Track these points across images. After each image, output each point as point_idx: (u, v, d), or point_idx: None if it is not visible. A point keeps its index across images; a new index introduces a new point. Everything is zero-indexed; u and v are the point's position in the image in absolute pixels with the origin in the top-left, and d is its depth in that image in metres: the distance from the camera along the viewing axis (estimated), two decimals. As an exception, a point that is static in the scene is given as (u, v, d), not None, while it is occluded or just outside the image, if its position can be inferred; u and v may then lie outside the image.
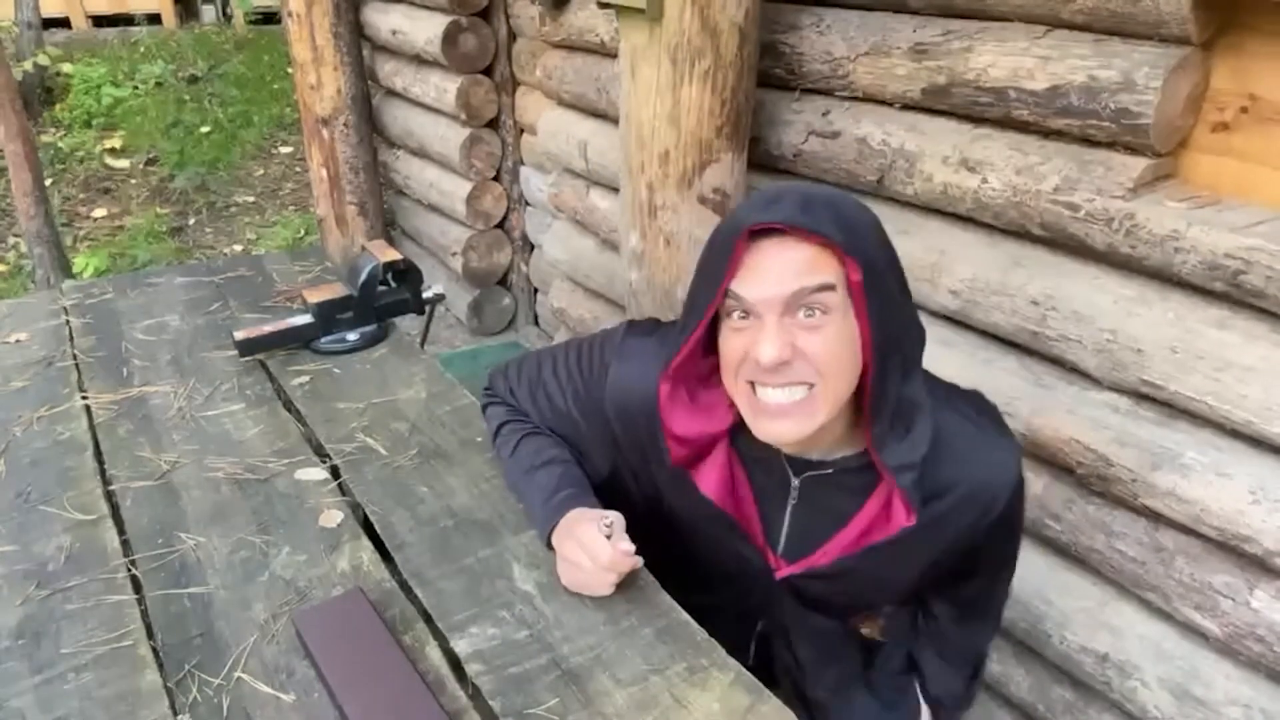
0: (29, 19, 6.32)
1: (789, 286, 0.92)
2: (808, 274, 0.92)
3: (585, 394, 1.23)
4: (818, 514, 1.11)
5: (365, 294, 1.79)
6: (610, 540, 1.09)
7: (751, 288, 0.93)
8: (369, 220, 3.62)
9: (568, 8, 2.52)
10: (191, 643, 1.08)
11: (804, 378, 0.94)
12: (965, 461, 1.03)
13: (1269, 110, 1.24)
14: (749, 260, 0.93)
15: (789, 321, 0.93)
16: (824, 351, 0.93)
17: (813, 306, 0.92)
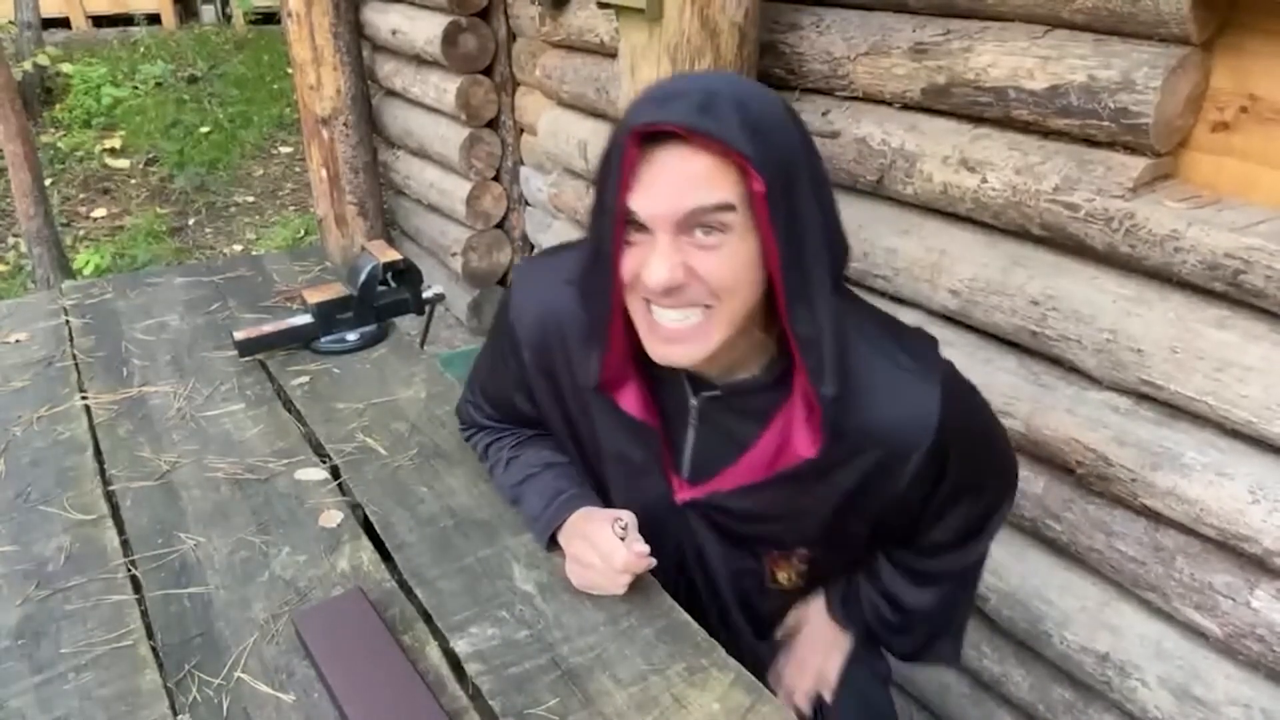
0: (29, 19, 6.32)
1: (682, 204, 0.84)
2: (704, 189, 0.84)
3: (505, 363, 1.18)
4: (719, 438, 1.06)
5: (365, 294, 1.79)
6: (625, 541, 1.07)
7: (642, 202, 0.86)
8: (369, 220, 3.62)
9: (568, 8, 2.52)
10: (191, 643, 1.08)
11: (699, 299, 0.89)
12: (874, 402, 0.96)
13: (1269, 110, 1.24)
14: (641, 171, 0.85)
15: (684, 240, 0.87)
16: (720, 273, 0.87)
17: (709, 225, 0.85)
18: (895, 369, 0.98)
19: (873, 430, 0.97)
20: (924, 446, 0.98)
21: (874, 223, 1.71)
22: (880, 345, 0.99)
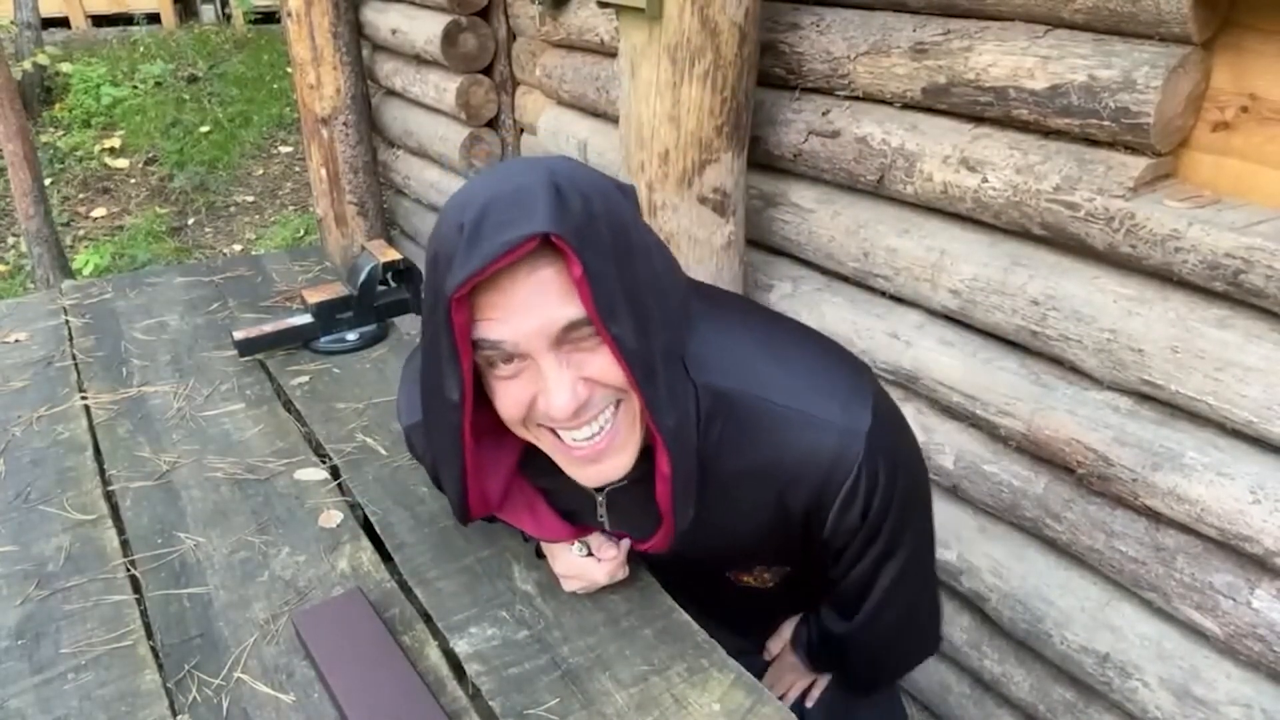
0: (28, 18, 6.32)
1: (554, 320, 0.77)
2: (566, 297, 0.77)
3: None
4: (634, 516, 1.03)
5: (365, 294, 1.79)
6: (595, 558, 1.09)
7: (504, 328, 0.78)
8: (369, 220, 3.62)
9: (567, 7, 2.52)
10: (191, 643, 1.08)
11: (605, 402, 0.83)
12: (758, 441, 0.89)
13: (1269, 110, 1.24)
14: (487, 302, 0.78)
15: (566, 353, 0.80)
16: (614, 368, 0.81)
17: (581, 329, 0.79)
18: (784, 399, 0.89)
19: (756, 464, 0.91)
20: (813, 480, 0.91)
21: (874, 222, 1.70)
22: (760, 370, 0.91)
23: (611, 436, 0.85)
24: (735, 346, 0.92)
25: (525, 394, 0.82)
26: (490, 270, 0.74)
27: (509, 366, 0.81)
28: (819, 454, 0.88)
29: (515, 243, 0.73)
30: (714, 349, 0.89)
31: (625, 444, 0.86)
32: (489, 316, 0.78)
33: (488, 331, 0.79)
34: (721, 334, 0.92)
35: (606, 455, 0.86)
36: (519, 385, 0.82)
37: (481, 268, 0.73)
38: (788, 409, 0.88)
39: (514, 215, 0.74)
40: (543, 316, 0.77)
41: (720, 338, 0.91)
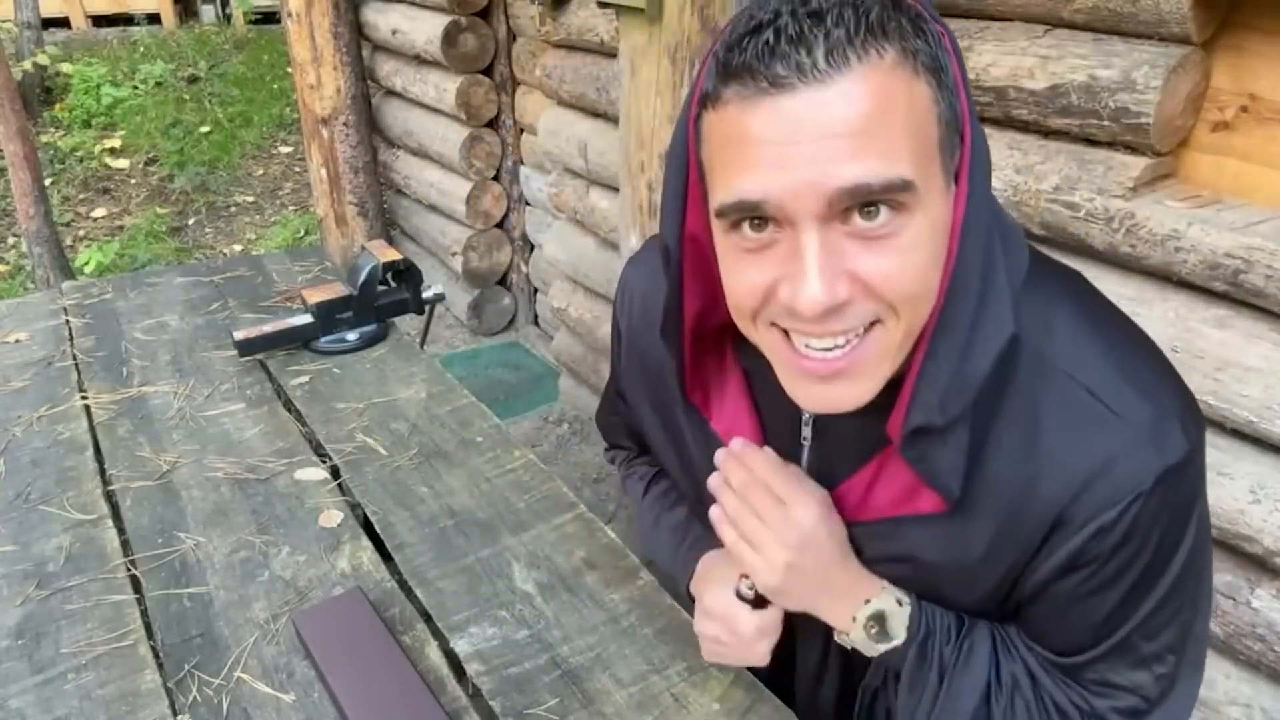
0: (28, 19, 6.32)
1: (839, 174, 0.56)
2: (873, 148, 0.56)
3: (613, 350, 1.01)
4: (839, 464, 0.79)
5: (365, 294, 1.79)
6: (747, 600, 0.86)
7: (763, 178, 0.57)
8: (369, 220, 3.63)
9: (567, 7, 2.52)
10: (191, 643, 1.08)
11: (866, 318, 0.62)
12: (1042, 442, 0.67)
13: (1269, 110, 1.24)
14: (752, 130, 0.57)
15: (838, 234, 0.59)
16: (902, 277, 0.60)
17: (879, 204, 0.58)
18: (1092, 395, 0.67)
19: (1030, 476, 0.68)
20: (1101, 519, 0.67)
21: (874, 222, 1.71)
22: (1078, 351, 0.68)
23: (856, 356, 0.63)
24: (1060, 308, 0.70)
25: (767, 277, 0.62)
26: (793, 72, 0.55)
27: (757, 234, 0.61)
28: (1112, 448, 0.66)
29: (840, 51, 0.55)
30: (1038, 303, 0.68)
31: (871, 372, 0.64)
32: (745, 162, 0.58)
33: (740, 181, 0.59)
34: (1046, 287, 0.71)
35: (844, 377, 0.64)
36: (761, 264, 0.62)
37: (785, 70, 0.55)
38: (1093, 400, 0.67)
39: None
40: (821, 174, 0.56)
41: (1044, 291, 0.70)
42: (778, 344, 0.66)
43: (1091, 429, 0.66)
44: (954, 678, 0.80)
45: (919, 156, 0.58)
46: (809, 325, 0.61)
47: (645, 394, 0.95)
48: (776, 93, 0.56)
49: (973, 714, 0.80)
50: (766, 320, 0.65)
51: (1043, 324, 0.68)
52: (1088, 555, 0.69)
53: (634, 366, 0.95)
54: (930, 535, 0.74)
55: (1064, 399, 0.67)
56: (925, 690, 0.81)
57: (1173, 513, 0.68)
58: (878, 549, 0.79)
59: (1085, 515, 0.67)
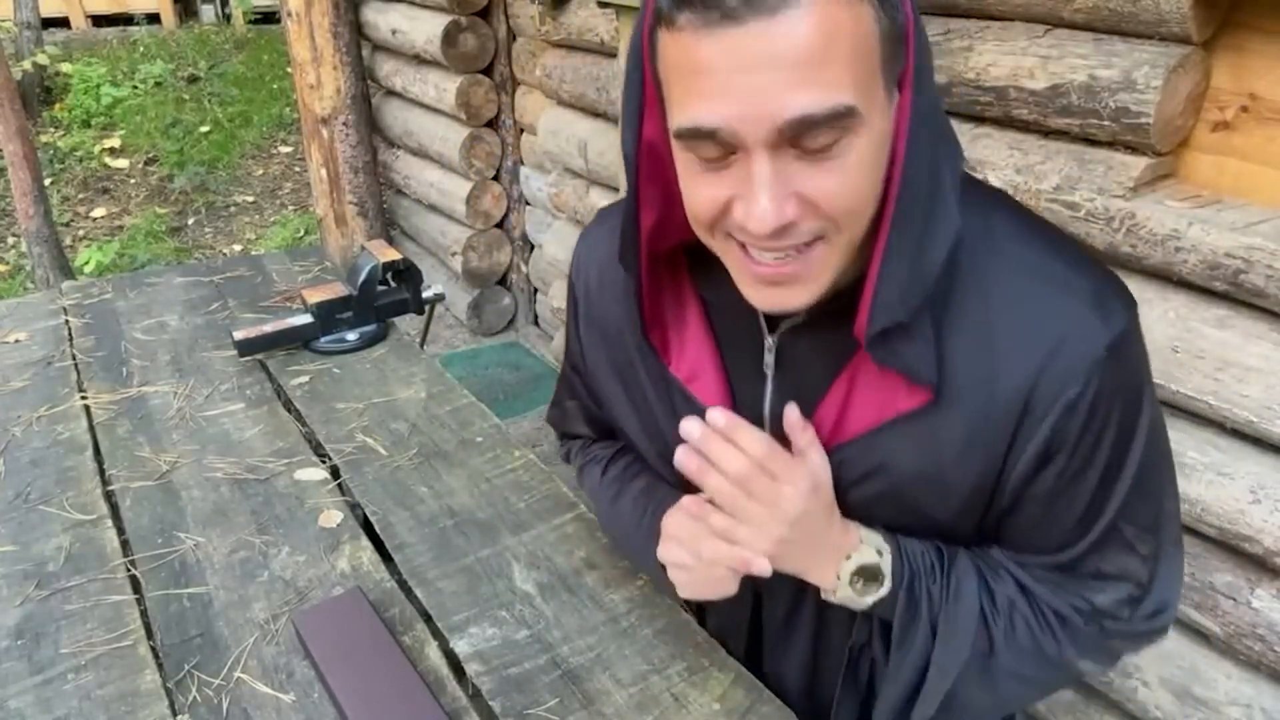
0: (28, 18, 6.32)
1: (782, 108, 0.59)
2: (814, 83, 0.59)
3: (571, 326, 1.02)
4: (805, 392, 0.80)
5: (365, 294, 1.79)
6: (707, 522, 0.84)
7: (717, 107, 0.61)
8: (369, 220, 3.62)
9: (567, 7, 2.52)
10: (191, 643, 1.08)
11: (813, 233, 0.66)
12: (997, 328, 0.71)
13: (1269, 110, 1.24)
14: (704, 59, 0.60)
15: (787, 156, 0.63)
16: (844, 195, 0.64)
17: (825, 130, 0.61)
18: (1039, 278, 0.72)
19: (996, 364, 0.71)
20: (1066, 394, 0.70)
21: (874, 222, 1.71)
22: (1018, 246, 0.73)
23: (802, 265, 0.68)
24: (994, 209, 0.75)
25: (723, 193, 0.65)
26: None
27: (713, 154, 0.64)
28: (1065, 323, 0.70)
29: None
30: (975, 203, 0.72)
31: (816, 277, 0.69)
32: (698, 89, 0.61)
33: (695, 107, 0.62)
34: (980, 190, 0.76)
35: (793, 282, 0.69)
36: (716, 183, 0.65)
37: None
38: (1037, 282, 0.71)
39: None
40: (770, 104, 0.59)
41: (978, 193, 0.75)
42: (734, 252, 0.71)
43: (1040, 309, 0.71)
44: (947, 613, 0.81)
45: (863, 81, 0.61)
46: (761, 241, 0.66)
47: (606, 361, 0.96)
48: (727, 24, 0.58)
49: (973, 645, 0.81)
50: (724, 231, 0.70)
51: (981, 221, 0.72)
52: (1059, 439, 0.72)
53: (594, 336, 0.97)
54: (906, 441, 0.76)
55: (1010, 285, 0.72)
56: (919, 634, 0.82)
57: (1127, 384, 0.72)
58: (855, 469, 0.80)
59: (1050, 396, 0.71)
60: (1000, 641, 0.81)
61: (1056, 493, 0.76)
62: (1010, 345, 0.71)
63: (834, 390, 0.79)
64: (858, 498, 0.81)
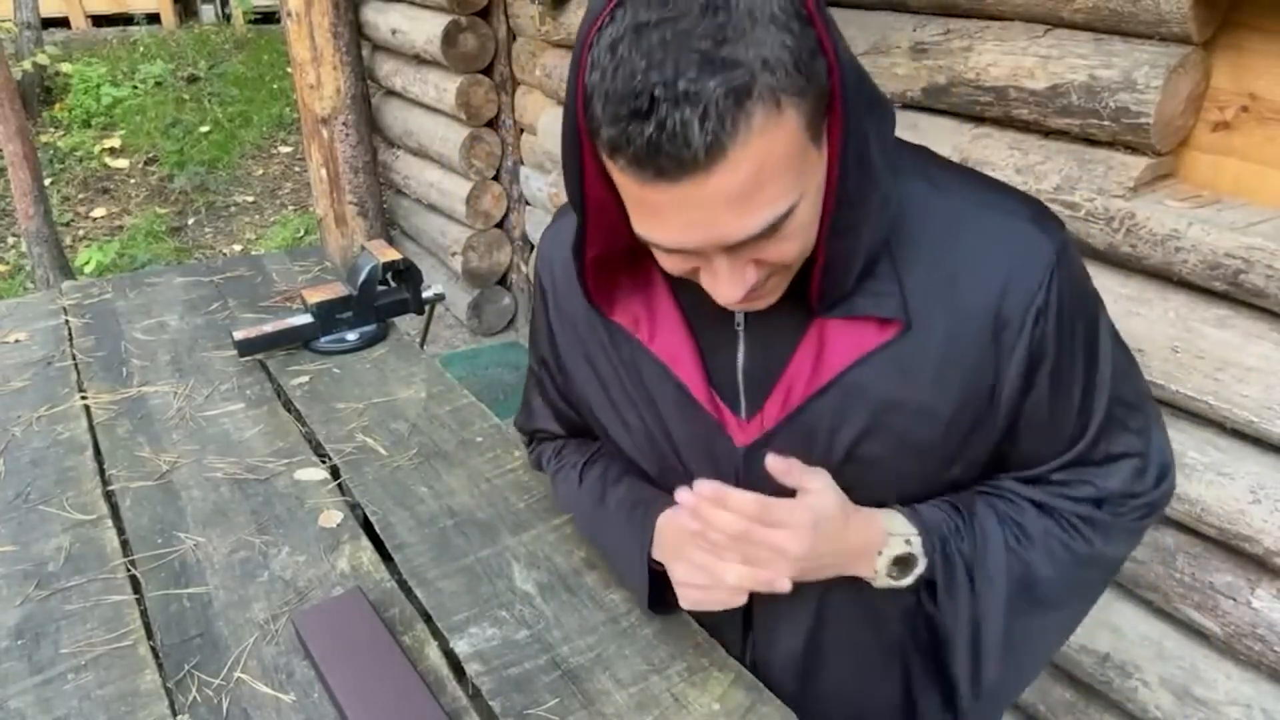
0: (28, 19, 6.32)
1: (734, 233, 0.65)
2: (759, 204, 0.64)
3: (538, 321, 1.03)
4: (777, 347, 0.83)
5: (365, 294, 1.79)
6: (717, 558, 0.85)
7: (668, 234, 0.67)
8: (369, 220, 3.62)
9: (567, 7, 2.52)
10: (191, 643, 1.08)
11: (769, 275, 0.73)
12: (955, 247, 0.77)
13: (1269, 109, 1.24)
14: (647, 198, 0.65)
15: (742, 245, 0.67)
16: (795, 248, 0.70)
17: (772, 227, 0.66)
18: (981, 208, 0.78)
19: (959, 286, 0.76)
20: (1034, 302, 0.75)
21: (874, 222, 1.71)
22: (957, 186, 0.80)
23: (763, 292, 0.74)
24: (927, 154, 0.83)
25: (686, 266, 0.72)
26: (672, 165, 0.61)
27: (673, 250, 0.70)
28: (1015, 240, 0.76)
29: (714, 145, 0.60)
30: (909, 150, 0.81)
31: (776, 291, 0.76)
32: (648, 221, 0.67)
33: (645, 231, 0.68)
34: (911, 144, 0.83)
35: (755, 300, 0.75)
36: (678, 262, 0.72)
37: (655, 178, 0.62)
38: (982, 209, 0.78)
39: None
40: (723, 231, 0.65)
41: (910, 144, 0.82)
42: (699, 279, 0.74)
43: (992, 233, 0.77)
44: (980, 562, 0.86)
45: (797, 171, 0.65)
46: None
47: (579, 349, 0.97)
48: (665, 183, 0.62)
49: (1009, 580, 0.86)
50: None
51: (921, 171, 0.79)
52: (1040, 346, 0.78)
53: (567, 331, 0.98)
54: (882, 372, 0.79)
55: (962, 216, 0.77)
56: (961, 593, 0.87)
57: (1079, 284, 0.79)
58: (838, 410, 0.82)
59: (1019, 306, 0.76)
60: (1037, 565, 0.86)
61: (1053, 393, 0.80)
62: (971, 268, 0.76)
63: (806, 340, 0.81)
64: (847, 437, 0.83)
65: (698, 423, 0.88)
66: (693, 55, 0.58)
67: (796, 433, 0.84)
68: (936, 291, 0.77)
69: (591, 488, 1.07)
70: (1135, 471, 0.87)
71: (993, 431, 0.83)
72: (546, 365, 1.06)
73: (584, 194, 0.74)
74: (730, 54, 0.59)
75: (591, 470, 1.08)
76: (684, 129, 0.59)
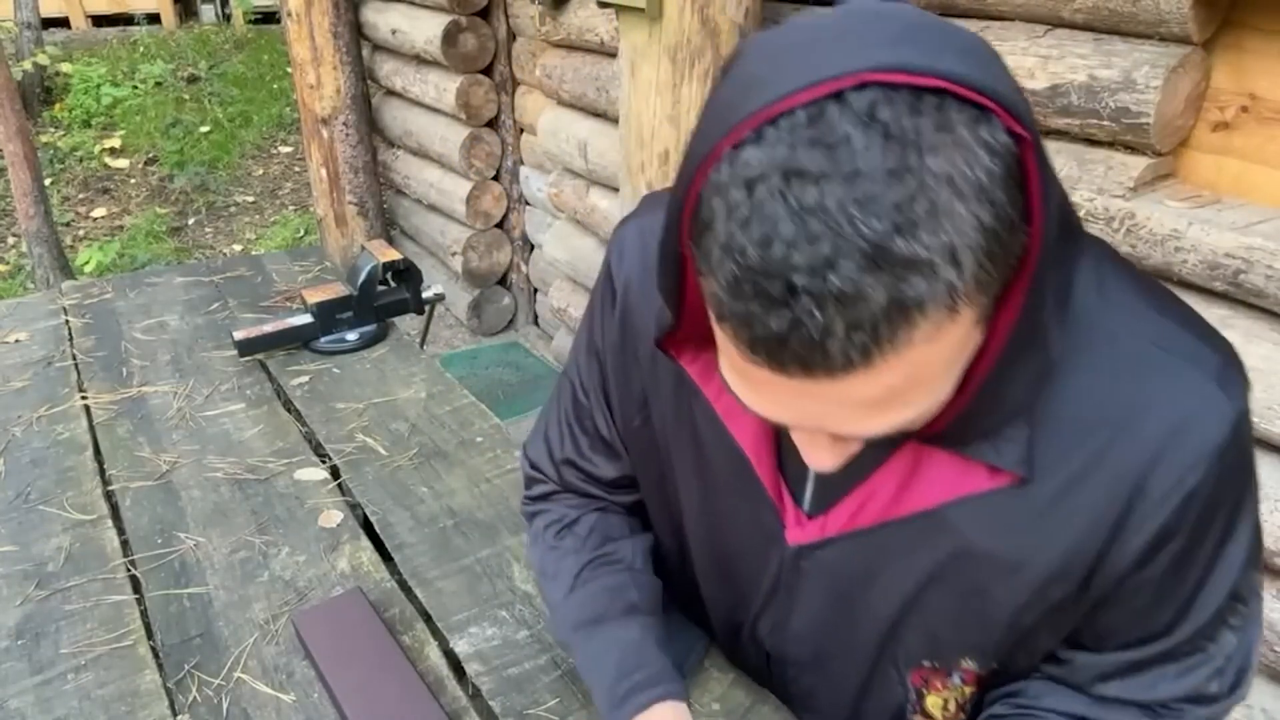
0: (28, 19, 6.32)
1: (850, 432, 0.54)
2: (891, 410, 0.51)
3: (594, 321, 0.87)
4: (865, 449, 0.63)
5: (365, 294, 1.79)
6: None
7: (769, 411, 0.55)
8: (369, 220, 3.62)
9: (567, 7, 2.52)
10: (191, 643, 1.08)
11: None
12: (1115, 398, 0.61)
13: (1269, 109, 1.24)
14: (751, 373, 0.51)
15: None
16: (918, 424, 0.56)
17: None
18: (1159, 350, 0.62)
19: (1103, 443, 0.62)
20: (1187, 483, 0.61)
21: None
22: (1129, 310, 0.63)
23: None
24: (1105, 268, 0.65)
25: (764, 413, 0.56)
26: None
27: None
28: (1188, 402, 0.61)
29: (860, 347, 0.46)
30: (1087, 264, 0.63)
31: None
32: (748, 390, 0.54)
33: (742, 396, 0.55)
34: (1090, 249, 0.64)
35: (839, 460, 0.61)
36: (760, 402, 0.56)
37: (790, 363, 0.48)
38: (1160, 352, 0.62)
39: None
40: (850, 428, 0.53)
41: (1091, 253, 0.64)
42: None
43: (1164, 382, 0.61)
44: None
45: (950, 371, 0.52)
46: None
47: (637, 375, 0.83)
48: (780, 375, 0.49)
49: None
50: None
51: (1095, 286, 0.63)
52: (1175, 526, 0.63)
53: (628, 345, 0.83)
54: (979, 518, 0.66)
55: (1131, 354, 0.62)
56: None
57: (1244, 463, 0.64)
58: (914, 545, 0.70)
59: (1168, 481, 0.61)
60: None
61: (1167, 574, 0.66)
62: (1125, 425, 0.61)
63: (899, 455, 0.68)
64: (915, 576, 0.72)
65: (751, 500, 0.77)
66: (859, 241, 0.43)
67: (859, 552, 0.73)
68: (1073, 441, 0.62)
69: (593, 598, 0.91)
70: (1214, 672, 0.72)
71: (1084, 605, 0.69)
72: (598, 356, 0.87)
73: (680, 296, 0.63)
74: (909, 248, 0.44)
75: (600, 576, 0.92)
76: (824, 337, 0.45)
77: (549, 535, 0.97)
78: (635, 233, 0.82)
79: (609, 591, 0.90)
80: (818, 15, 0.51)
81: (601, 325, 0.86)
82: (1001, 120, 0.46)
